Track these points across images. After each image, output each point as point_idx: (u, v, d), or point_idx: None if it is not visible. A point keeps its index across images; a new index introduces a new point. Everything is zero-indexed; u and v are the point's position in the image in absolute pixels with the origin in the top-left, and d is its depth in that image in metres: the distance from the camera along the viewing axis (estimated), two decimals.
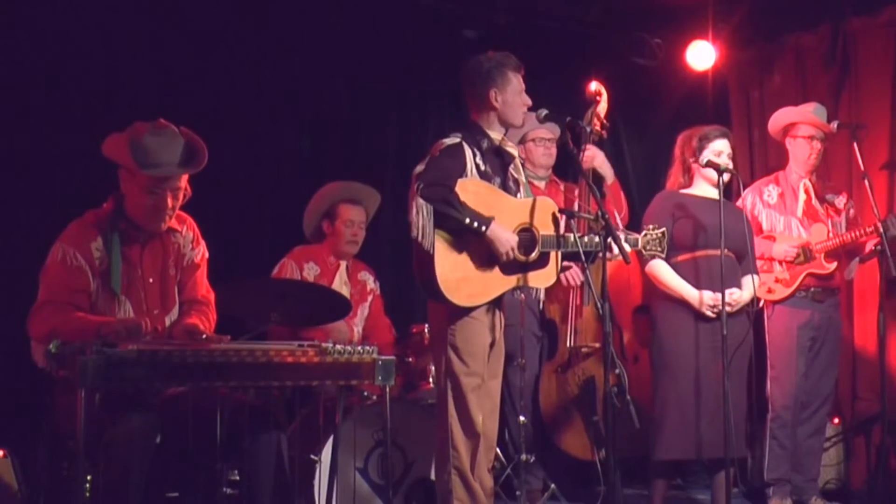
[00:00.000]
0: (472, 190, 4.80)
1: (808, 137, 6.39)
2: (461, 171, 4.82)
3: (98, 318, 4.18)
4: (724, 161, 5.62)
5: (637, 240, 5.18)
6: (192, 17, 6.27)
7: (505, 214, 4.89)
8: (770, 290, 6.29)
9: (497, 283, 4.89)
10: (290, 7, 6.62)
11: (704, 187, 5.76)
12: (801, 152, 6.42)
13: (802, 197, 6.43)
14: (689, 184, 5.83)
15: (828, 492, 6.66)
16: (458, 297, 4.78)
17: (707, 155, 5.68)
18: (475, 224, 4.71)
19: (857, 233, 6.19)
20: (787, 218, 6.40)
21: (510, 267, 4.88)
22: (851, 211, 6.54)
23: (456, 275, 4.77)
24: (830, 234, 6.28)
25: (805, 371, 6.32)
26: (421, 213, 4.66)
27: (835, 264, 6.27)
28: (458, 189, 4.75)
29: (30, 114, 5.84)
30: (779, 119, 6.53)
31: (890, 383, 6.35)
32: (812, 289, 6.30)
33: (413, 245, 4.78)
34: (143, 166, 4.21)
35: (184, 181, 4.34)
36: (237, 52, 6.46)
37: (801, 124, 6.40)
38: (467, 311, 4.85)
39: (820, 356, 6.39)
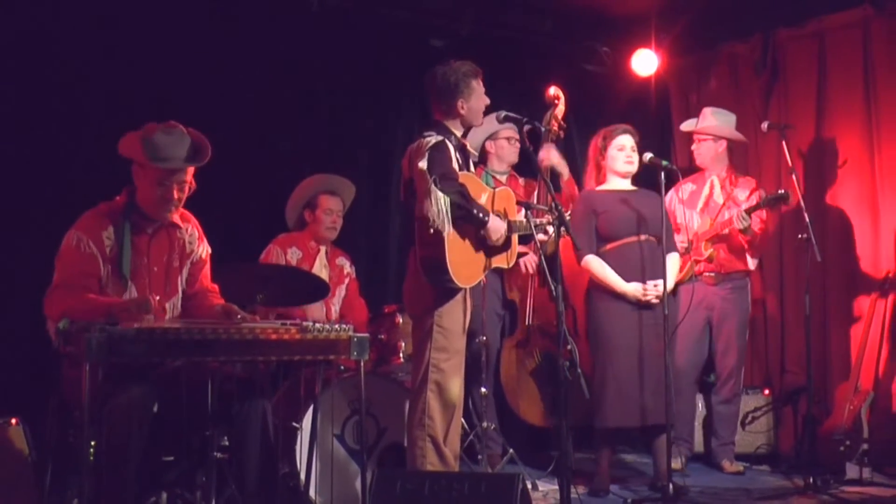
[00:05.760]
0: (462, 180, 4.89)
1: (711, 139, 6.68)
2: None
3: (108, 299, 4.23)
4: (628, 153, 5.75)
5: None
6: (192, 28, 6.29)
7: (484, 201, 4.99)
8: None
9: (480, 265, 5.00)
10: (278, 15, 6.64)
11: (616, 181, 5.85)
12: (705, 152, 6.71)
13: (706, 192, 6.60)
14: (603, 180, 5.90)
15: (759, 456, 6.80)
16: (460, 279, 4.85)
17: (612, 151, 5.79)
18: (480, 215, 4.83)
19: (722, 222, 6.40)
20: (690, 211, 6.57)
21: (488, 249, 5.00)
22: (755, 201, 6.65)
23: (460, 258, 4.85)
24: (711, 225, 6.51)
25: (707, 346, 6.59)
26: (439, 204, 4.72)
27: (710, 251, 6.45)
28: None
29: (50, 112, 5.83)
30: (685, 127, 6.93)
31: (815, 358, 6.45)
32: (705, 273, 6.50)
33: (419, 232, 4.83)
34: (153, 160, 4.29)
35: (189, 175, 4.40)
36: (231, 59, 6.46)
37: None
38: (454, 294, 4.93)
39: (722, 334, 6.56)
